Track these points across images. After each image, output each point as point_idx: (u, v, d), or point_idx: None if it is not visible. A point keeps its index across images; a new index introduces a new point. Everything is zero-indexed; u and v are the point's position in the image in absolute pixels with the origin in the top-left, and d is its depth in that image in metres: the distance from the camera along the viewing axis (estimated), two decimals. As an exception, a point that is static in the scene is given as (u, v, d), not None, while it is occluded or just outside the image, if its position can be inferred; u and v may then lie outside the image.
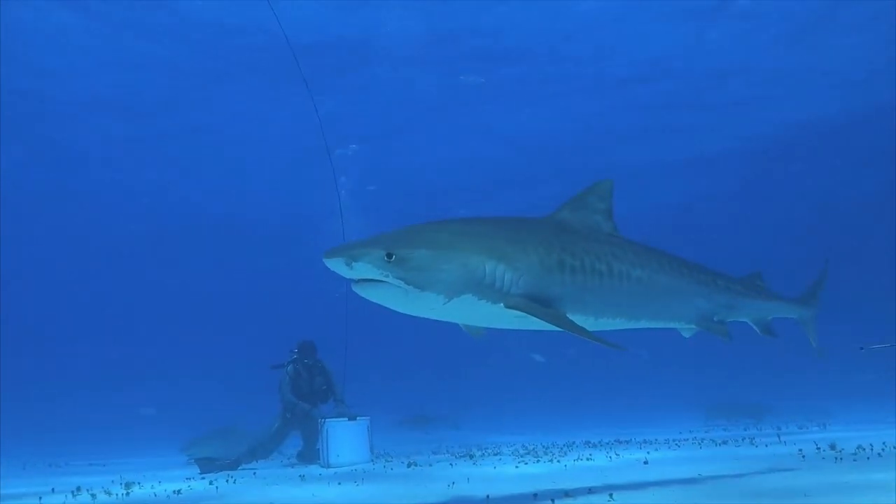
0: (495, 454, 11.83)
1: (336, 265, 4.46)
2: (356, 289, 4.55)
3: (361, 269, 4.42)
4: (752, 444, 10.67)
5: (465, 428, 22.09)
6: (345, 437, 11.23)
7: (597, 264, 5.22)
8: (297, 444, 13.00)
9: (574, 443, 13.62)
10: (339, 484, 8.09)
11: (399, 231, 4.77)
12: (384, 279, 4.44)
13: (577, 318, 5.12)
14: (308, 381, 12.80)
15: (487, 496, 6.13)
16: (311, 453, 12.42)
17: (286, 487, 8.15)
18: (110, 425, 29.17)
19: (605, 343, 4.79)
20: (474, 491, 6.69)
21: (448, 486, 7.13)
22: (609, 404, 29.59)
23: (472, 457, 11.42)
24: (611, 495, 5.58)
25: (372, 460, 11.42)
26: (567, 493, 5.93)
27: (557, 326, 4.79)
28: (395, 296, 4.52)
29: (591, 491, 5.99)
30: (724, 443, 11.38)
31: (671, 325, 6.16)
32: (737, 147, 32.07)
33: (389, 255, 4.39)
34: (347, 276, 4.53)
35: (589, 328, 5.22)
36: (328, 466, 10.95)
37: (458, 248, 4.62)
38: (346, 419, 11.43)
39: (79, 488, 8.65)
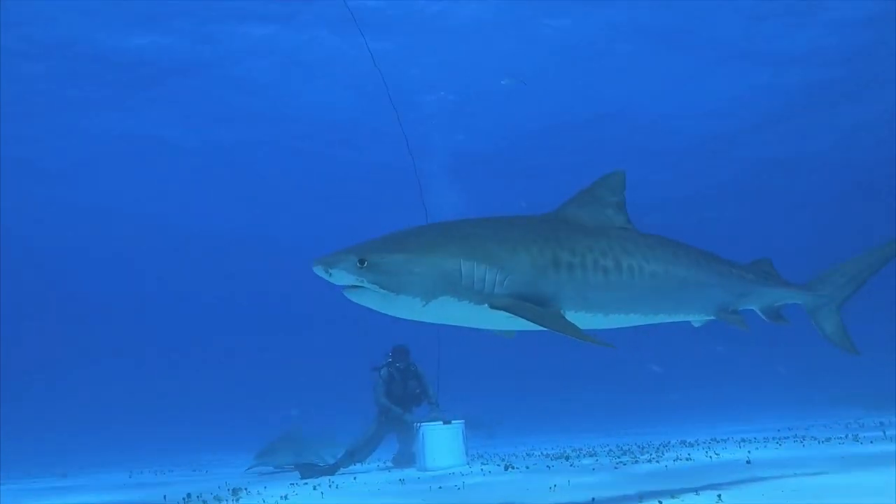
0: (591, 455, 11.92)
1: (319, 272, 4.73)
2: (345, 293, 4.79)
3: (339, 276, 4.68)
4: (857, 441, 10.56)
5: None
6: (441, 441, 11.50)
7: (601, 260, 5.18)
8: (392, 447, 13.44)
9: (669, 442, 13.62)
10: (440, 487, 8.32)
11: (384, 236, 4.97)
12: (361, 284, 4.68)
13: (583, 317, 5.14)
14: (401, 384, 13.17)
15: (592, 499, 6.23)
16: (406, 457, 12.81)
17: (389, 491, 8.43)
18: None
19: (596, 342, 4.73)
20: (577, 494, 6.78)
21: (550, 490, 7.25)
22: (690, 401, 29.27)
23: (567, 458, 11.55)
24: (719, 496, 5.63)
25: (468, 463, 11.62)
26: (673, 495, 5.97)
27: (546, 326, 4.77)
28: (375, 299, 4.73)
29: (697, 492, 6.03)
30: (827, 440, 11.26)
31: (689, 317, 6.11)
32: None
33: (362, 262, 4.61)
34: (334, 283, 4.76)
35: (598, 326, 5.30)
36: (425, 470, 11.21)
37: (433, 252, 4.76)
38: (441, 423, 11.71)
39: (189, 495, 8.99)
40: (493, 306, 4.78)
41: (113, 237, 41.38)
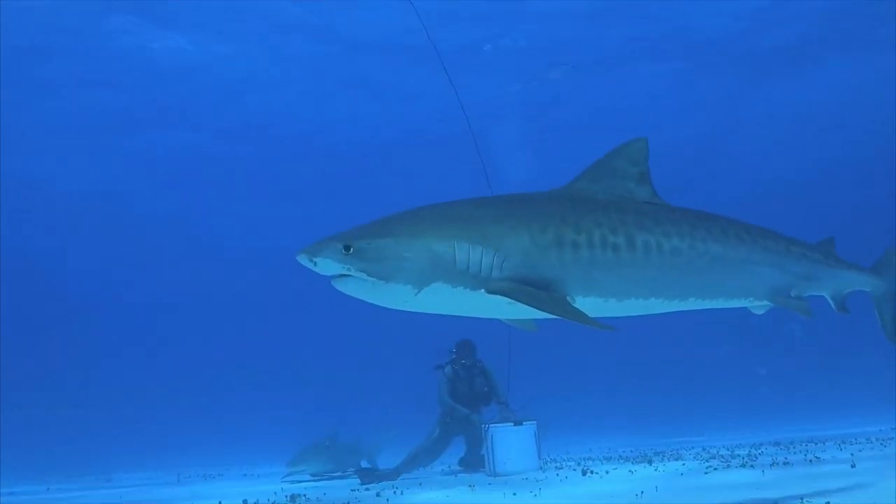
0: (676, 458, 11.35)
1: (304, 262, 4.55)
2: (333, 284, 4.62)
3: (324, 265, 4.50)
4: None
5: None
6: (511, 444, 10.94)
7: (611, 237, 4.77)
8: (459, 449, 12.88)
9: (762, 443, 12.94)
10: (515, 494, 7.83)
11: (371, 222, 4.75)
12: (348, 273, 4.48)
13: (594, 302, 4.76)
14: (467, 382, 12.58)
15: (686, 508, 5.73)
16: (474, 459, 12.24)
17: (459, 499, 8.00)
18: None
19: (599, 325, 4.44)
20: (666, 502, 6.32)
21: (636, 497, 6.76)
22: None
23: (650, 462, 10.97)
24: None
25: (541, 467, 11.11)
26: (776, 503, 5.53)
27: (549, 312, 4.49)
28: (364, 289, 4.53)
29: (803, 499, 5.53)
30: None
31: (734, 303, 5.46)
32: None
33: (347, 248, 4.44)
34: (320, 273, 4.59)
35: (611, 312, 4.92)
36: (495, 475, 10.71)
37: (422, 235, 4.53)
38: (512, 424, 11.17)
39: (245, 501, 8.72)
40: (489, 291, 4.51)
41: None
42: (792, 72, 28.92)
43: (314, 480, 13.03)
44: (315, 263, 4.50)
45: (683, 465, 10.07)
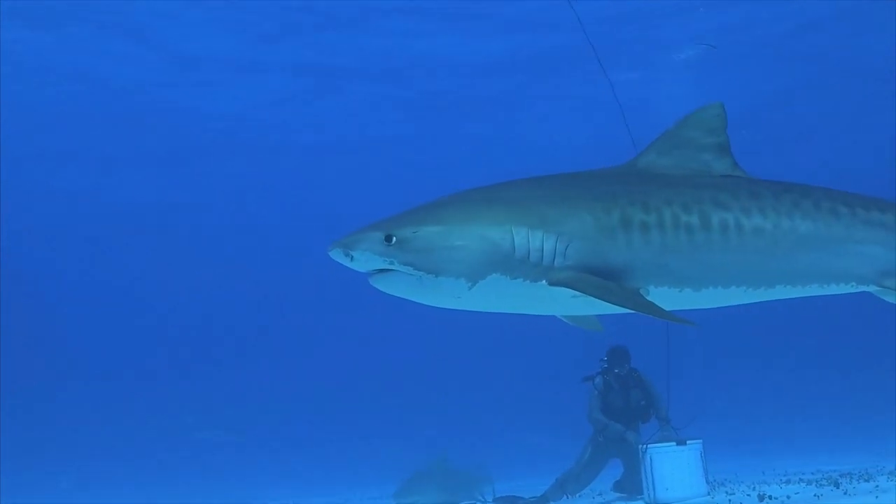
0: (866, 480, 10.12)
1: (338, 257, 4.21)
2: (371, 282, 4.28)
3: (362, 259, 4.15)
4: None
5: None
6: (674, 466, 9.82)
7: (683, 216, 4.35)
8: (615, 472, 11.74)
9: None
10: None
11: (414, 208, 4.37)
12: (391, 267, 4.12)
13: (668, 292, 4.37)
14: (621, 395, 11.39)
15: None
16: (632, 483, 11.05)
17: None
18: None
19: (678, 320, 4.10)
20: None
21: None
22: None
23: (837, 484, 9.83)
24: None
25: (710, 493, 10.05)
26: None
27: (619, 305, 4.09)
28: (410, 285, 4.17)
29: None
30: None
31: (834, 289, 4.77)
32: None
33: (389, 238, 4.07)
34: (357, 269, 4.24)
35: (688, 304, 4.50)
36: (655, 502, 9.71)
37: (476, 219, 4.18)
38: (674, 444, 10.01)
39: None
40: (552, 282, 4.15)
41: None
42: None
43: None
44: (352, 258, 4.15)
45: (876, 486, 9.12)
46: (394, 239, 4.07)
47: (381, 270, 4.18)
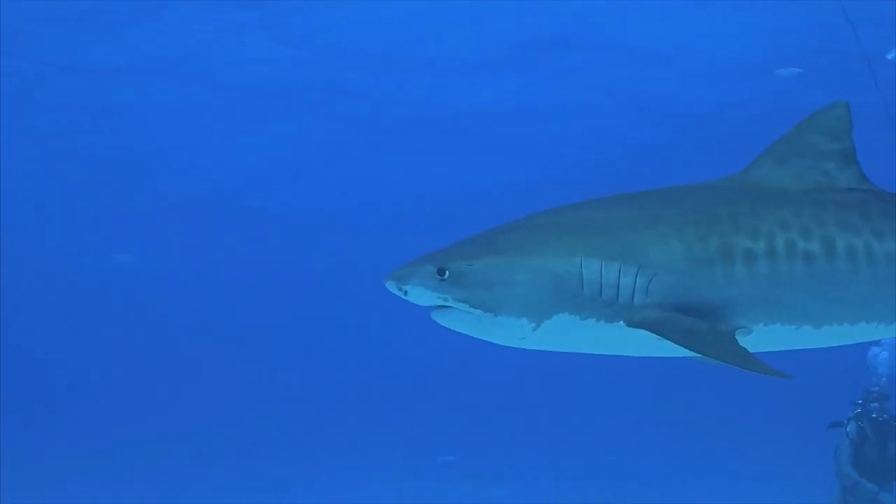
0: None
1: (393, 289, 3.91)
2: (433, 317, 3.93)
3: (416, 294, 3.81)
4: None
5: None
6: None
7: (801, 243, 3.79)
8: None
9: None
10: None
11: (475, 235, 4.05)
12: (445, 304, 3.76)
13: (779, 331, 3.82)
14: (878, 447, 10.05)
15: None
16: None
17: None
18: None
19: (775, 373, 3.50)
20: None
21: None
22: None
23: None
24: None
25: None
26: None
27: (707, 354, 3.58)
28: (468, 323, 3.79)
29: None
30: None
31: None
32: None
33: (442, 272, 3.74)
34: (414, 303, 3.91)
35: (806, 343, 3.99)
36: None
37: (539, 251, 3.77)
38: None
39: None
40: (631, 324, 3.69)
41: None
42: None
43: None
44: (405, 293, 3.85)
45: None
46: (447, 273, 3.77)
47: (440, 307, 3.84)
